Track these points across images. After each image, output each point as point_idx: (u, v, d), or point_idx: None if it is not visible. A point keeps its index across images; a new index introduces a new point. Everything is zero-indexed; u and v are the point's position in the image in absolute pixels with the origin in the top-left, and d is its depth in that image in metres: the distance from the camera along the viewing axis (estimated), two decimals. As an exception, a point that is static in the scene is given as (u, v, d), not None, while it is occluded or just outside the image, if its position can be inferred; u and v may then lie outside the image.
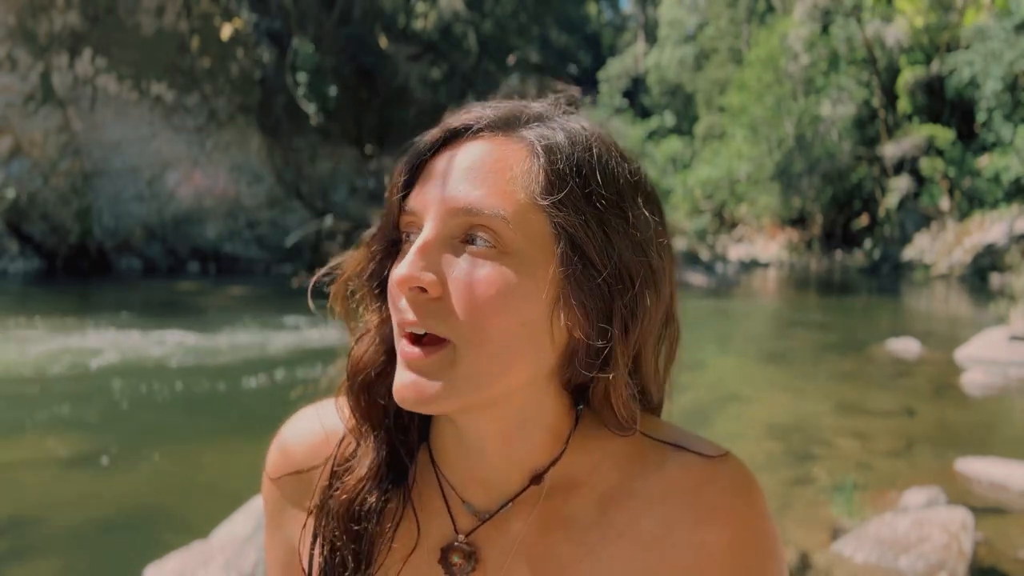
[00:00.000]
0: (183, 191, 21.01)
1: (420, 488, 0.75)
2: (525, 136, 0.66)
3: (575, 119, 0.69)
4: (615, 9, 56.55)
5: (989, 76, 24.13)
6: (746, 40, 36.64)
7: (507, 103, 0.70)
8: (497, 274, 0.62)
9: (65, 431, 6.21)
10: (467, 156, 0.65)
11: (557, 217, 0.63)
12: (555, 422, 0.71)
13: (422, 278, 0.62)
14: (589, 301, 0.64)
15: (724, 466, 0.70)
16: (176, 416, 6.79)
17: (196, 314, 12.27)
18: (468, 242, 0.64)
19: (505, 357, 0.64)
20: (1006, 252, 22.41)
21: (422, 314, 0.63)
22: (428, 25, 30.52)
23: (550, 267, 0.64)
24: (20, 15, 18.85)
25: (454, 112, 0.70)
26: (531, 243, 0.63)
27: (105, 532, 4.26)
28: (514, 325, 0.63)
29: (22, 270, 18.82)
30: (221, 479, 5.09)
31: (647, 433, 0.72)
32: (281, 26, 23.56)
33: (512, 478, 0.71)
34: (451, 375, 0.63)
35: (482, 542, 0.71)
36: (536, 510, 0.71)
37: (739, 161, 30.37)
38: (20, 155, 19.10)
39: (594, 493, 0.70)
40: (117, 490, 4.82)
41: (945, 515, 3.89)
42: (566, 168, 0.65)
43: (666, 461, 0.70)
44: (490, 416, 0.68)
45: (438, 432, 0.74)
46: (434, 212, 0.64)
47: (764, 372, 9.92)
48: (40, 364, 8.53)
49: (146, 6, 20.34)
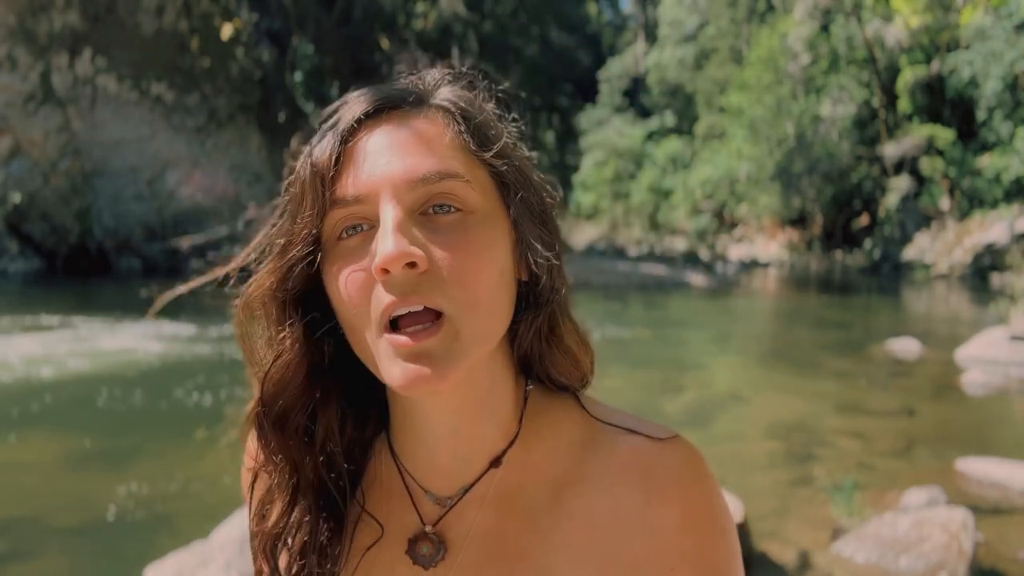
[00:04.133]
0: (183, 191, 21.01)
1: (381, 481, 0.75)
2: (435, 103, 0.69)
3: (454, 86, 0.72)
4: (615, 9, 56.54)
5: (989, 76, 24.12)
6: (746, 40, 36.62)
7: (396, 82, 0.72)
8: (473, 234, 0.65)
9: (65, 431, 6.21)
10: (396, 133, 0.66)
11: (500, 167, 0.68)
12: (509, 400, 0.73)
13: (414, 252, 0.61)
14: (538, 235, 0.69)
15: (672, 447, 0.71)
16: (176, 416, 6.79)
17: (196, 314, 12.26)
18: (431, 212, 0.65)
19: (494, 311, 0.66)
20: (1006, 252, 22.40)
21: (412, 290, 0.62)
22: (428, 25, 30.52)
23: (502, 214, 0.68)
24: (20, 15, 18.85)
25: (347, 100, 0.69)
26: (485, 196, 0.67)
27: (105, 532, 4.26)
28: (496, 277, 0.66)
29: (22, 270, 18.82)
30: (221, 479, 5.09)
31: (598, 417, 0.74)
32: (281, 26, 23.56)
33: (471, 463, 0.72)
34: (455, 347, 0.63)
35: (447, 530, 0.72)
36: (492, 495, 0.72)
37: (739, 161, 30.37)
38: (20, 155, 19.10)
39: (548, 477, 0.72)
40: (117, 490, 4.81)
41: (945, 515, 3.89)
42: (483, 124, 0.69)
43: (617, 444, 0.72)
44: (454, 393, 0.68)
45: (396, 425, 0.74)
46: (388, 191, 0.64)
47: (764, 372, 9.91)
48: (40, 364, 8.52)
49: (146, 6, 20.35)
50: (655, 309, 17.02)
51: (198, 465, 5.47)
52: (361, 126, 0.66)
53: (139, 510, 4.56)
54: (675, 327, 13.43)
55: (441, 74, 0.73)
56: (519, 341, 0.72)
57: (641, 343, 11.84)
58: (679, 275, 23.30)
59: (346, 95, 0.71)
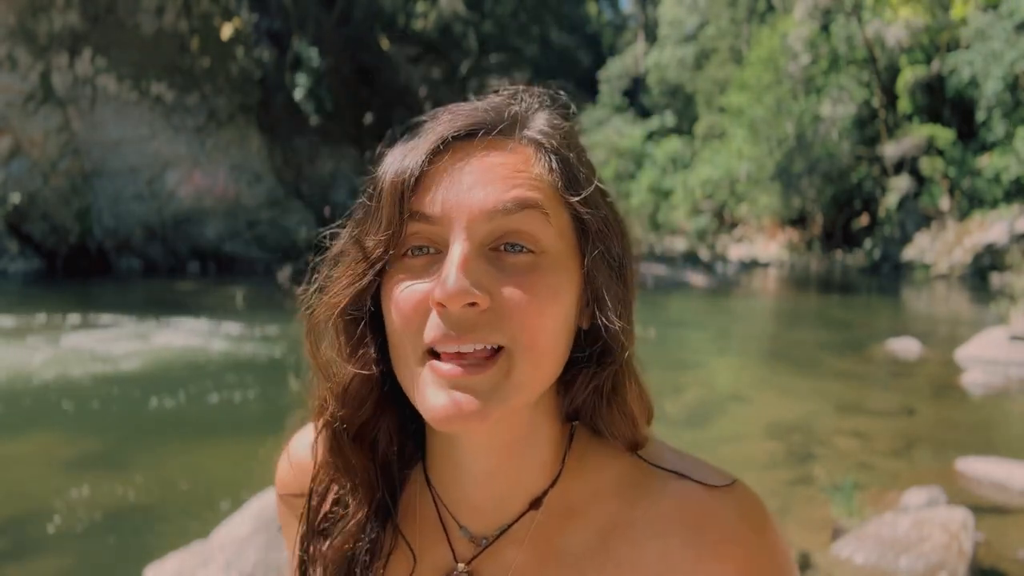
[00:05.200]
0: (183, 191, 21.01)
1: (416, 512, 0.73)
2: (529, 136, 0.66)
3: (549, 114, 0.70)
4: (615, 9, 56.55)
5: (989, 76, 24.11)
6: (746, 40, 36.62)
7: (490, 102, 0.69)
8: (543, 277, 0.63)
9: (65, 431, 6.21)
10: (483, 159, 0.64)
11: (584, 213, 0.65)
12: (552, 441, 0.70)
13: (475, 293, 0.59)
14: (614, 292, 0.66)
15: (729, 497, 0.66)
16: (176, 416, 6.79)
17: (196, 314, 12.26)
18: (502, 249, 0.63)
19: (552, 356, 0.64)
20: (1006, 252, 22.39)
21: (468, 328, 0.60)
22: (428, 25, 30.53)
23: (576, 261, 0.65)
24: (20, 15, 18.85)
25: (437, 116, 0.68)
26: (562, 239, 0.65)
27: (105, 532, 4.26)
28: (559, 324, 0.64)
29: (22, 270, 18.82)
30: (221, 479, 5.09)
31: (646, 459, 0.70)
32: (281, 26, 23.56)
33: (510, 503, 0.69)
34: (504, 385, 0.61)
35: (480, 569, 0.69)
36: (532, 537, 0.68)
37: (739, 161, 30.36)
38: (20, 155, 19.10)
39: (591, 521, 0.68)
40: (117, 490, 4.81)
41: (945, 515, 3.89)
42: (576, 165, 0.66)
43: (666, 490, 0.67)
44: (495, 433, 0.66)
45: (434, 455, 0.72)
46: (464, 220, 0.62)
47: (764, 372, 9.92)
48: (40, 364, 8.52)
49: (146, 6, 20.34)
50: (655, 309, 17.02)
51: (198, 465, 5.47)
52: (448, 146, 0.64)
53: (139, 510, 4.56)
54: (675, 327, 13.43)
55: (537, 98, 0.70)
56: (573, 394, 0.69)
57: (641, 343, 11.79)
58: (679, 275, 23.30)
59: (437, 109, 0.69)
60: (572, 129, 0.69)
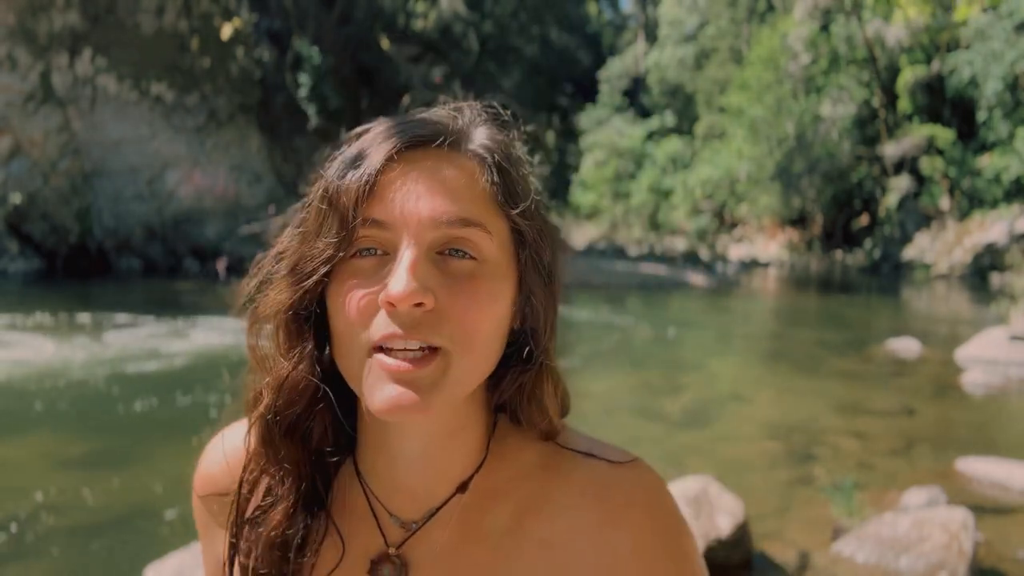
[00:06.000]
0: (183, 191, 21.02)
1: (345, 500, 0.76)
2: (473, 150, 0.71)
3: (490, 128, 0.74)
4: (615, 9, 56.56)
5: (989, 76, 24.12)
6: (746, 40, 36.64)
7: (436, 114, 0.73)
8: (483, 284, 0.68)
9: (65, 431, 6.21)
10: (431, 171, 0.68)
11: (522, 226, 0.70)
12: (480, 430, 0.75)
13: (423, 295, 0.64)
14: (540, 294, 0.72)
15: (629, 471, 0.73)
16: (176, 415, 6.79)
17: (196, 313, 12.27)
18: (447, 254, 0.67)
19: (486, 356, 0.69)
20: (1006, 252, 22.41)
21: (414, 326, 0.64)
22: (428, 25, 30.54)
23: (512, 268, 0.71)
24: (20, 15, 18.85)
25: (378, 127, 0.72)
26: (501, 249, 0.70)
27: (105, 532, 4.26)
28: (494, 326, 0.69)
29: (22, 270, 18.82)
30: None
31: (561, 443, 0.76)
32: (281, 26, 23.57)
33: (439, 488, 0.74)
34: (442, 381, 0.66)
35: (409, 552, 0.73)
36: (458, 519, 0.73)
37: (739, 161, 30.39)
38: (20, 155, 19.11)
39: (511, 501, 0.74)
40: (117, 490, 4.82)
41: (945, 515, 3.89)
42: (516, 179, 0.72)
43: (576, 468, 0.74)
44: (432, 422, 0.71)
45: (367, 446, 0.76)
46: (412, 227, 0.66)
47: (764, 372, 9.92)
48: (40, 364, 8.53)
49: (146, 6, 20.35)
50: (655, 309, 17.02)
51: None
52: (400, 156, 0.68)
53: (139, 510, 4.56)
54: (675, 327, 13.44)
55: (478, 112, 0.75)
56: (502, 389, 0.74)
57: (641, 343, 11.84)
58: (679, 275, 23.30)
59: (377, 121, 0.73)
60: (512, 142, 0.75)
